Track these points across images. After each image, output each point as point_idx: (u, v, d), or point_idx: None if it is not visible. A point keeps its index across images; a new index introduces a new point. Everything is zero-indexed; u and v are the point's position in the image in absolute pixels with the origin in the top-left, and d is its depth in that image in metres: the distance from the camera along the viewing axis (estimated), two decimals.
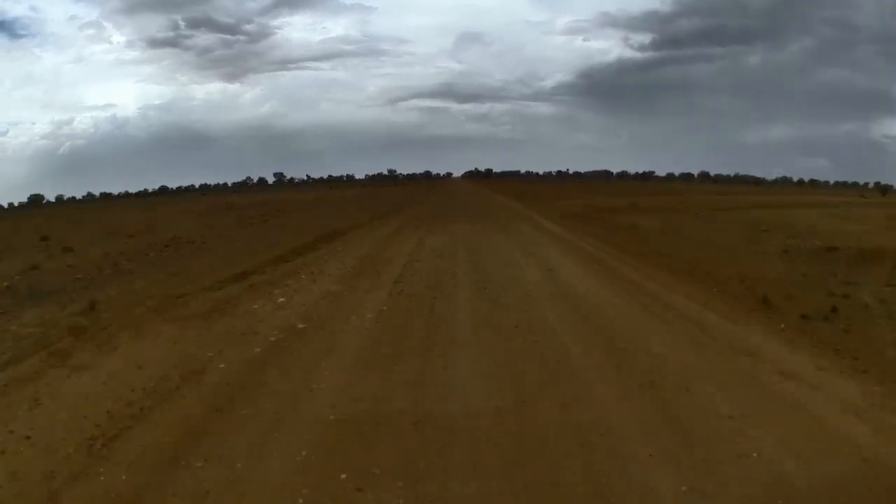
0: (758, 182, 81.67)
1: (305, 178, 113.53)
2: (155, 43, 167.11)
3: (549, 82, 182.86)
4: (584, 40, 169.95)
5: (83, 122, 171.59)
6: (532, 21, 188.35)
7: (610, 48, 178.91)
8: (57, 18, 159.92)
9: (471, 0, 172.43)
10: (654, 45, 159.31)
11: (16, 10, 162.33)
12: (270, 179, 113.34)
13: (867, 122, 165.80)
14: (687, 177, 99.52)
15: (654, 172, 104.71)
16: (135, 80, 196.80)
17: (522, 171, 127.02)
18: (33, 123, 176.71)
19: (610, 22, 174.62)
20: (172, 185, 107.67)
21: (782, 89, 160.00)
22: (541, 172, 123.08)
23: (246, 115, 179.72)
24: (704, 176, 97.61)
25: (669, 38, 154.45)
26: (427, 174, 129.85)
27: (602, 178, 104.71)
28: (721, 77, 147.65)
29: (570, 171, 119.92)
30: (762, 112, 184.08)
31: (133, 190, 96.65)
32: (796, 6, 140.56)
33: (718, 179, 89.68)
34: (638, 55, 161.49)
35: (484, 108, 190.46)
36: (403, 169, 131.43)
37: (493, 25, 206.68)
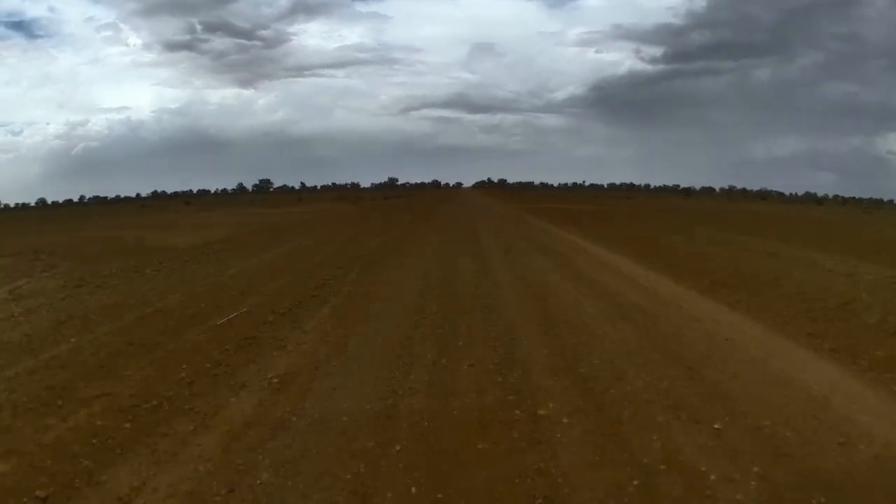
0: (815, 201, 73.30)
1: (300, 185, 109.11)
2: (171, 46, 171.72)
3: (561, 94, 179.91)
4: (597, 52, 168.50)
5: (97, 123, 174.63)
6: (545, 32, 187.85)
7: (622, 60, 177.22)
8: (74, 20, 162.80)
9: (484, 11, 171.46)
10: (666, 58, 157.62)
11: (34, 11, 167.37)
12: (271, 186, 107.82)
13: (872, 136, 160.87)
14: (708, 191, 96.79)
15: (678, 186, 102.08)
16: (150, 82, 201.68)
17: (536, 181, 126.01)
18: (48, 124, 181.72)
19: (622, 34, 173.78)
20: (185, 188, 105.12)
21: (790, 103, 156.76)
22: (555, 184, 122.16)
23: (259, 121, 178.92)
24: (730, 191, 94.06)
25: (681, 51, 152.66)
26: (436, 183, 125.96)
27: (625, 191, 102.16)
28: (730, 91, 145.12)
29: (586, 183, 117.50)
30: (770, 126, 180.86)
31: (135, 193, 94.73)
32: (806, 21, 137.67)
33: (748, 195, 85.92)
34: (649, 68, 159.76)
35: (495, 118, 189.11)
36: (413, 178, 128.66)
37: (505, 36, 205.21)
